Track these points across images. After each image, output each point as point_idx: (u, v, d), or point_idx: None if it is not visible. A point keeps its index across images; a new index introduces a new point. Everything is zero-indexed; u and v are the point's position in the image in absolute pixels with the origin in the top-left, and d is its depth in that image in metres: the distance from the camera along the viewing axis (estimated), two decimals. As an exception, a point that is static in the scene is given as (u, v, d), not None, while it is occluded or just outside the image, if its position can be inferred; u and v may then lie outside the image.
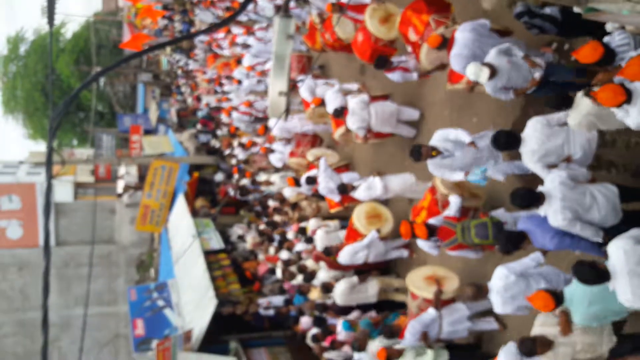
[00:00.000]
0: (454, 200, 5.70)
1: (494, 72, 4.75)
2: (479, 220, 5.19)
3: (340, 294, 7.75)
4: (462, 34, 5.26)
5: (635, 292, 3.53)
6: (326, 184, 8.43)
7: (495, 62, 4.78)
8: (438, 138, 5.55)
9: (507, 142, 4.54)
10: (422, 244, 5.92)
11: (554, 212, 4.09)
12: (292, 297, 9.99)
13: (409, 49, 6.68)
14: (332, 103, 8.50)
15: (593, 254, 4.29)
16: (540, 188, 4.25)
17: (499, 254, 4.91)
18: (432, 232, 5.62)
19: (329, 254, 7.93)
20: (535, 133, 4.43)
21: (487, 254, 6.11)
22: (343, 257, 7.52)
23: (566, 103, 4.39)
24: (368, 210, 7.92)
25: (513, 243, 4.48)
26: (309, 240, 9.09)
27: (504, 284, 4.49)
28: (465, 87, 5.94)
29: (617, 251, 3.67)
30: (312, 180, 8.84)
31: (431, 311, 5.73)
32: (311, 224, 9.33)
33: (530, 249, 4.70)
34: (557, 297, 3.93)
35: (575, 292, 3.90)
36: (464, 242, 5.25)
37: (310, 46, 9.82)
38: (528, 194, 4.26)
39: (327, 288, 7.96)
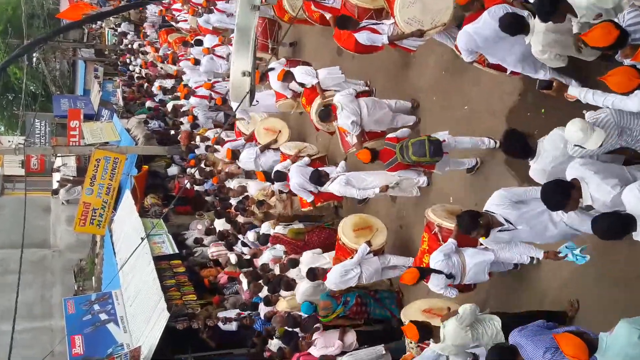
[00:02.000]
0: (403, 129, 6.59)
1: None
2: (417, 138, 5.85)
3: (302, 293, 7.89)
4: (492, 22, 4.96)
5: None
6: (298, 180, 8.38)
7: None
8: (500, 202, 4.68)
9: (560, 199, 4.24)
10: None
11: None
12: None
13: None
14: (301, 78, 8.47)
15: None
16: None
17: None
18: (374, 156, 6.63)
19: (315, 277, 7.63)
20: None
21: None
22: (332, 280, 7.30)
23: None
24: (356, 221, 7.80)
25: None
26: (265, 240, 9.20)
27: None
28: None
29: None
30: (281, 177, 8.78)
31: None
32: (276, 230, 9.35)
33: None
34: (591, 346, 3.87)
35: (613, 346, 3.85)
36: (403, 161, 5.98)
37: (280, 18, 9.79)
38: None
39: (290, 285, 8.11)
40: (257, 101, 10.41)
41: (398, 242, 8.37)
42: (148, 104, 19.65)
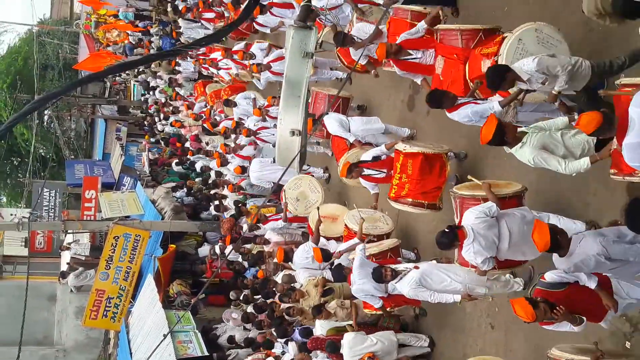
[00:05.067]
0: None
1: None
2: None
3: None
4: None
5: None
6: (363, 286, 8.20)
7: None
8: None
9: None
10: None
11: None
12: None
13: None
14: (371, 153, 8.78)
15: None
16: None
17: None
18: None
19: None
20: None
21: None
22: None
23: None
24: None
25: None
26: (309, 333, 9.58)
27: None
28: None
29: None
30: (341, 275, 8.86)
31: None
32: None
33: None
34: None
35: None
36: None
37: (346, 63, 10.09)
38: None
39: None
40: (308, 165, 10.63)
41: (494, 348, 8.23)
42: (175, 166, 20.16)
